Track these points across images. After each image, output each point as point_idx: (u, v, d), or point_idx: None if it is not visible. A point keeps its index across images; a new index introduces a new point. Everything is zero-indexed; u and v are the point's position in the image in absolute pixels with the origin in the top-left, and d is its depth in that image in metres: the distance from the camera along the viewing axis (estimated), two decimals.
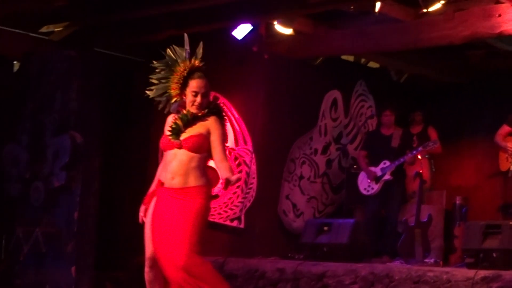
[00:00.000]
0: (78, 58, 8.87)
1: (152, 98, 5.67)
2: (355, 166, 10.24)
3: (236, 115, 9.83)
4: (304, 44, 9.90)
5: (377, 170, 9.61)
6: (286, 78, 9.92)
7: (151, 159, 9.75)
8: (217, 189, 9.72)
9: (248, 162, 9.91)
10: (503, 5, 8.05)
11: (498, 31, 8.15)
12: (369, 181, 9.66)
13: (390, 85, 11.94)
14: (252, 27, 9.37)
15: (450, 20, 8.44)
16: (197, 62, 5.61)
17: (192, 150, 5.36)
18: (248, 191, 9.70)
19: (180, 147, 5.39)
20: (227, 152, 9.71)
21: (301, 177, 10.18)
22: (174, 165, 5.39)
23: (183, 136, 5.42)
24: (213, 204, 9.67)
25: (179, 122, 5.45)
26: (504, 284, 6.66)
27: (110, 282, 9.30)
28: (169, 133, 5.48)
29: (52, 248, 8.62)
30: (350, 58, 11.43)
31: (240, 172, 9.77)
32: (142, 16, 8.95)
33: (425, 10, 8.51)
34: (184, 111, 5.50)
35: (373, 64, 11.78)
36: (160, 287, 5.60)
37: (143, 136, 9.92)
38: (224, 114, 5.62)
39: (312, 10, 8.81)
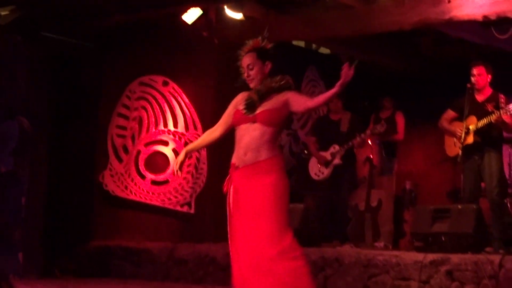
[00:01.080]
0: (24, 43, 8.72)
1: None
2: (305, 152, 10.23)
3: (187, 100, 9.77)
4: (254, 30, 9.83)
5: (326, 154, 9.61)
6: (237, 63, 9.87)
7: (98, 145, 9.67)
8: (167, 174, 9.69)
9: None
10: None
11: (447, 17, 8.19)
12: (319, 166, 9.65)
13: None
14: (202, 12, 9.30)
15: (401, 6, 8.46)
16: (258, 42, 5.56)
17: (267, 123, 5.27)
18: (198, 176, 9.64)
19: (254, 121, 5.31)
20: (177, 137, 9.67)
21: None
22: (246, 140, 5.29)
23: (258, 110, 5.33)
24: (162, 189, 9.65)
25: (254, 96, 5.37)
26: (453, 267, 6.71)
27: (58, 269, 9.20)
28: (243, 107, 5.36)
29: None
30: (301, 43, 11.42)
31: (190, 157, 9.72)
32: (90, 1, 8.83)
33: None
34: (259, 86, 5.40)
35: (324, 50, 11.79)
36: None
37: (91, 122, 9.82)
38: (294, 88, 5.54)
39: None
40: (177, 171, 5.53)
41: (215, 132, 5.60)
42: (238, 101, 5.49)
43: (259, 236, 5.10)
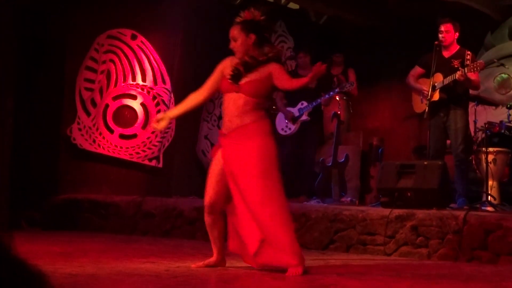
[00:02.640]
0: None
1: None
2: (273, 107, 10.25)
3: (155, 54, 9.72)
4: None
5: (294, 110, 9.64)
6: (205, 17, 9.84)
7: (65, 99, 9.60)
8: (135, 128, 9.68)
9: (166, 101, 9.85)
10: None
11: None
12: (286, 121, 9.69)
13: (309, 26, 11.96)
14: None
15: None
16: (248, 14, 5.59)
17: (250, 94, 5.43)
18: (166, 131, 9.65)
19: (238, 91, 5.43)
20: (146, 91, 9.63)
21: (220, 117, 10.16)
22: (231, 108, 5.46)
23: (243, 81, 5.46)
24: (131, 143, 9.64)
25: (240, 67, 5.49)
26: (418, 222, 6.80)
27: (25, 221, 9.18)
28: (229, 76, 5.49)
29: None
30: None
31: (158, 112, 9.71)
32: None
33: None
34: (246, 58, 5.48)
35: (292, 5, 11.75)
36: (219, 232, 5.58)
37: (57, 74, 9.73)
38: (283, 61, 5.71)
39: None
40: (155, 128, 5.78)
41: (200, 96, 5.71)
42: (225, 66, 5.62)
43: (251, 194, 5.28)
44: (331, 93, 9.43)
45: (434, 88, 8.10)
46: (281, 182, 5.42)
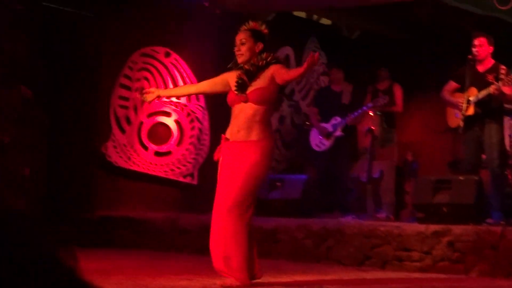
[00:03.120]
0: (25, 11, 8.71)
1: None
2: (307, 123, 10.26)
3: (188, 71, 9.77)
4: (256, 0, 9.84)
5: (328, 126, 9.64)
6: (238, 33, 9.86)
7: (100, 116, 9.66)
8: (169, 145, 9.72)
9: (200, 118, 9.88)
10: None
11: None
12: (320, 137, 9.69)
13: (342, 41, 11.96)
14: None
15: None
16: (256, 24, 5.79)
17: (257, 102, 5.51)
18: (201, 147, 9.68)
19: (246, 101, 5.50)
20: (180, 108, 9.68)
21: None
22: (240, 119, 5.56)
23: (249, 90, 5.54)
24: (165, 160, 9.69)
25: (243, 77, 5.56)
26: (454, 238, 6.75)
27: (60, 237, 9.23)
28: (235, 88, 5.57)
29: (2, 205, 8.51)
30: (302, 14, 11.41)
31: (192, 128, 9.76)
32: None
33: None
34: (247, 67, 5.57)
35: (325, 21, 11.77)
36: None
37: (92, 91, 9.80)
38: (283, 64, 5.79)
39: None
40: (142, 95, 5.99)
41: (192, 87, 5.93)
42: (230, 77, 5.72)
43: (228, 197, 5.45)
44: (364, 108, 9.42)
45: (468, 103, 8.06)
46: (255, 200, 5.55)
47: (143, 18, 9.82)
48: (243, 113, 5.53)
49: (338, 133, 9.54)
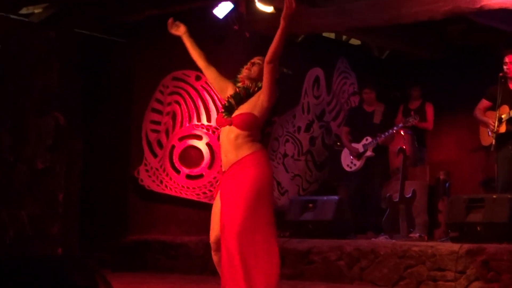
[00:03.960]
0: (57, 39, 8.82)
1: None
2: (338, 143, 10.27)
3: (219, 95, 9.81)
4: None
5: (359, 146, 9.64)
6: None
7: (132, 140, 9.73)
8: (201, 168, 9.76)
9: None
10: None
11: (478, 5, 8.15)
12: (351, 157, 9.69)
13: (371, 61, 11.97)
14: (233, 6, 9.34)
15: None
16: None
17: (241, 127, 5.37)
18: None
19: (230, 124, 5.42)
20: (211, 131, 9.72)
21: (285, 155, 10.21)
22: (224, 143, 5.44)
23: (235, 113, 5.46)
24: (197, 183, 9.72)
25: (231, 100, 5.51)
26: (488, 257, 6.71)
27: (96, 263, 9.29)
28: (223, 110, 5.53)
29: (38, 230, 8.59)
30: (332, 35, 11.43)
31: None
32: None
33: None
34: (237, 90, 5.53)
35: (354, 41, 11.79)
36: None
37: (124, 116, 9.88)
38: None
39: None
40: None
41: (203, 60, 5.94)
42: (228, 88, 5.63)
43: (234, 218, 5.15)
44: (395, 128, 9.41)
45: (500, 121, 8.03)
46: (271, 211, 5.28)
47: (173, 42, 9.80)
48: (227, 138, 5.41)
49: (369, 153, 9.54)
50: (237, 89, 5.55)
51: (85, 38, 9.66)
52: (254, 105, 5.42)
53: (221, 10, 9.28)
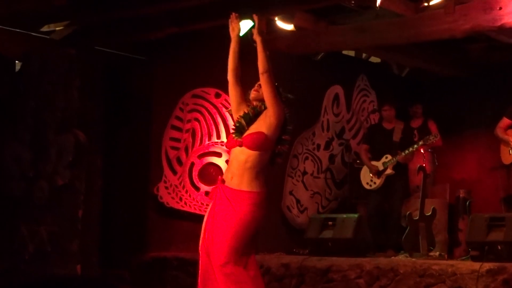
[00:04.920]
0: (78, 56, 8.87)
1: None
2: (357, 161, 10.25)
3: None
4: (305, 40, 9.90)
5: (379, 164, 9.62)
6: (288, 74, 9.92)
7: (152, 157, 9.75)
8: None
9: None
10: None
11: (499, 24, 8.15)
12: (371, 175, 9.67)
13: (391, 79, 11.96)
14: (253, 23, 9.35)
15: (451, 13, 8.44)
16: None
17: (251, 147, 5.44)
18: None
19: (240, 145, 5.46)
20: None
21: (305, 173, 10.19)
22: (233, 165, 5.52)
23: (245, 134, 5.54)
24: None
25: (241, 120, 5.60)
26: (510, 276, 6.67)
27: (116, 280, 9.30)
28: (233, 131, 5.61)
29: (57, 247, 8.62)
30: (351, 53, 11.44)
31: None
32: (142, 14, 8.93)
33: (426, 4, 8.52)
34: (246, 110, 5.58)
35: (374, 59, 11.79)
36: None
37: (143, 133, 9.91)
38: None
39: (312, 6, 8.80)
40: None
41: (236, 78, 5.95)
42: (242, 108, 5.70)
43: (219, 251, 5.38)
44: (415, 146, 9.39)
45: None
46: (252, 247, 5.51)
47: (193, 60, 9.92)
48: (236, 159, 5.49)
49: (389, 171, 9.52)
50: (246, 110, 5.62)
51: (105, 56, 9.71)
52: (263, 123, 5.52)
53: (242, 28, 9.28)
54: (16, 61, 9.44)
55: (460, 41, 9.97)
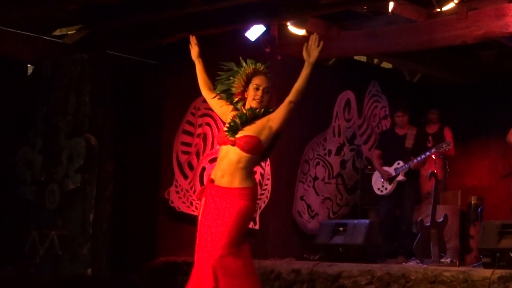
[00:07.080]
0: (90, 61, 8.90)
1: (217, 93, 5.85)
2: (369, 167, 10.23)
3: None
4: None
5: (390, 170, 9.61)
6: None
7: (163, 162, 9.76)
8: None
9: (262, 163, 9.90)
10: None
11: (511, 30, 8.12)
12: (382, 181, 9.65)
13: (403, 85, 11.94)
14: (265, 29, 9.37)
15: (463, 20, 8.41)
16: (262, 67, 5.82)
17: (244, 149, 5.44)
18: (262, 192, 9.69)
19: (233, 145, 5.45)
20: None
21: (316, 178, 10.17)
22: (224, 163, 5.50)
23: (239, 135, 5.49)
24: None
25: (237, 120, 5.52)
26: None
27: (126, 285, 9.31)
28: (226, 129, 5.55)
29: (68, 251, 8.64)
30: (363, 58, 11.42)
31: (254, 173, 9.78)
32: (154, 19, 8.95)
33: (438, 10, 8.50)
34: (244, 110, 5.54)
35: (386, 65, 11.77)
36: None
37: (154, 138, 9.93)
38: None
39: (324, 11, 8.79)
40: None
41: (210, 91, 5.98)
42: (229, 111, 5.67)
43: (216, 243, 5.38)
44: (427, 153, 9.37)
45: None
46: (245, 238, 5.52)
47: (205, 64, 9.92)
48: (227, 157, 5.47)
49: (401, 177, 9.50)
50: (243, 110, 5.57)
51: (117, 60, 9.74)
52: (261, 129, 5.48)
53: (253, 33, 9.30)
54: (28, 65, 9.48)
55: (472, 48, 9.94)
